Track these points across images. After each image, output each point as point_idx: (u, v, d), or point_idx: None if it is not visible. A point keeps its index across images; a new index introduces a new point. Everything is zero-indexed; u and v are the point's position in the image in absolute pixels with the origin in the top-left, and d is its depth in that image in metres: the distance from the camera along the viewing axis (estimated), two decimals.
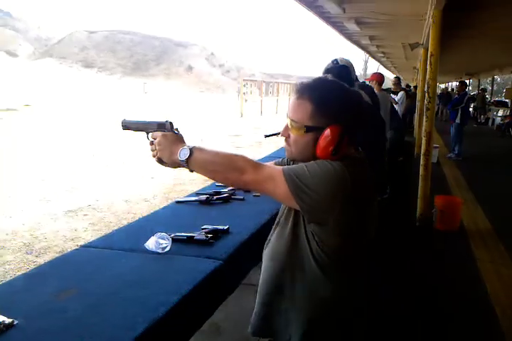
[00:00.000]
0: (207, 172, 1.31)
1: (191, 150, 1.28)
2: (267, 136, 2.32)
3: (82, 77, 52.68)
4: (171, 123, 1.37)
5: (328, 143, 1.22)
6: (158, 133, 1.35)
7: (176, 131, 1.37)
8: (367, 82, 5.82)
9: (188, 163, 1.28)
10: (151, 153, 1.37)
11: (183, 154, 1.28)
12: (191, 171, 1.31)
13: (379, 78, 6.00)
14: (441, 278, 3.63)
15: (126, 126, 1.47)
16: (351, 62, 2.98)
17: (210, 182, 3.34)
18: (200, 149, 1.29)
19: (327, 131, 1.23)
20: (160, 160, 1.36)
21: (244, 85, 22.96)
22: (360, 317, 1.38)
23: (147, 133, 1.40)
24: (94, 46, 72.53)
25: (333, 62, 2.79)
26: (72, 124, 14.73)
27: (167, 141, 1.33)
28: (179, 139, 1.35)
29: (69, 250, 2.41)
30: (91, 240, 2.32)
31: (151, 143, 1.37)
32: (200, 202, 2.66)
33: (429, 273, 3.75)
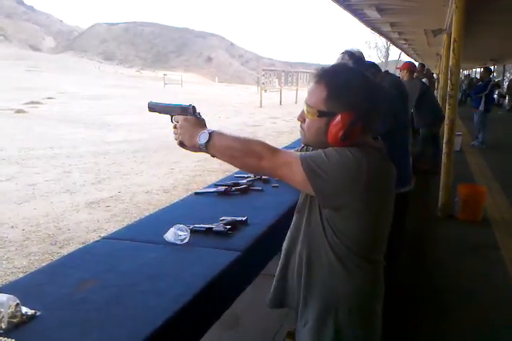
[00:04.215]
0: (225, 157, 1.31)
1: (210, 134, 1.29)
2: None
3: (102, 69, 53.15)
4: (193, 107, 1.38)
5: (338, 129, 1.21)
6: (181, 117, 1.37)
7: (197, 116, 1.38)
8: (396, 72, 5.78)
9: (207, 147, 1.29)
10: (174, 136, 1.39)
11: (202, 138, 1.29)
12: (213, 156, 1.32)
13: (411, 67, 5.96)
14: (464, 268, 3.58)
15: (152, 107, 1.50)
16: (362, 52, 2.93)
17: (228, 173, 3.34)
18: (220, 134, 1.30)
19: (338, 117, 1.22)
20: (182, 144, 1.38)
21: (264, 75, 22.86)
22: (377, 313, 1.36)
23: (171, 116, 1.42)
24: (114, 39, 73.06)
25: (345, 53, 2.72)
26: (94, 116, 14.90)
27: (188, 125, 1.35)
28: (200, 123, 1.36)
29: (91, 241, 2.44)
30: (113, 231, 2.35)
31: (174, 127, 1.39)
32: (219, 193, 2.66)
33: (451, 263, 3.71)
